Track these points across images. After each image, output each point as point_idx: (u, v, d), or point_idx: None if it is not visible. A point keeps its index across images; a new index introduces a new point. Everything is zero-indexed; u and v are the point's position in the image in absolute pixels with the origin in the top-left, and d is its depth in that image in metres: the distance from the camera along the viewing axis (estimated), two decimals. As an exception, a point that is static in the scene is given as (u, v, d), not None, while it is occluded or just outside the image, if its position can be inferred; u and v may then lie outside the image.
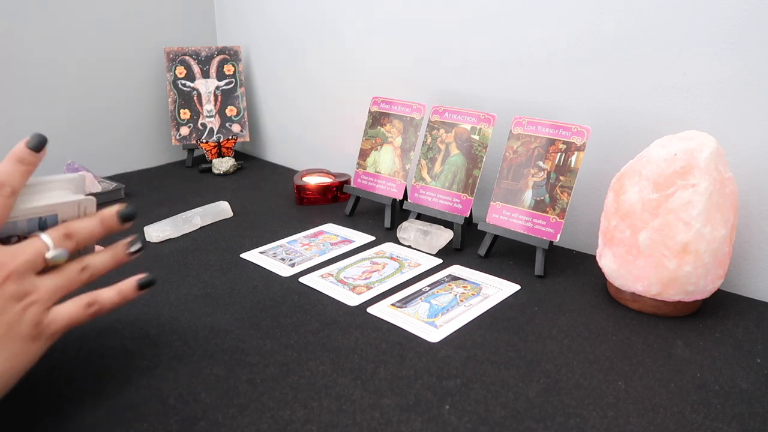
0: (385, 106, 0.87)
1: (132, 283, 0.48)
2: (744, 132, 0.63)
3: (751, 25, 0.60)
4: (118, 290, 0.47)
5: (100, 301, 0.46)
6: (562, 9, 0.74)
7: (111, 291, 0.47)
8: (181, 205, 0.92)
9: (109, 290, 0.47)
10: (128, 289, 0.48)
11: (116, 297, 0.47)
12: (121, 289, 0.47)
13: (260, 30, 1.20)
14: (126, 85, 1.15)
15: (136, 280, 0.48)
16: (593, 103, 0.74)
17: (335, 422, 0.45)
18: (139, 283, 0.48)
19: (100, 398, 0.47)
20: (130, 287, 0.48)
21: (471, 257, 0.75)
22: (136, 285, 0.48)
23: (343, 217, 0.90)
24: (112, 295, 0.47)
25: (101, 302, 0.46)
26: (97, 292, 0.46)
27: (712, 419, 0.45)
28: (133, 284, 0.48)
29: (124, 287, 0.47)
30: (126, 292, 0.47)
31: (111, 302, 0.46)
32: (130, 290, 0.48)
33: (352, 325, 0.59)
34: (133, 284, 0.48)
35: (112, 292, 0.47)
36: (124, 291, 0.47)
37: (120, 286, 0.47)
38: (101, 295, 0.46)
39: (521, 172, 0.72)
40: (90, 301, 0.45)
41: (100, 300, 0.46)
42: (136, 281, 0.48)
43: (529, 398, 0.47)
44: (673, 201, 0.56)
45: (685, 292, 0.58)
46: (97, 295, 0.46)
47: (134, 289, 0.48)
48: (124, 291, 0.47)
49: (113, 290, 0.47)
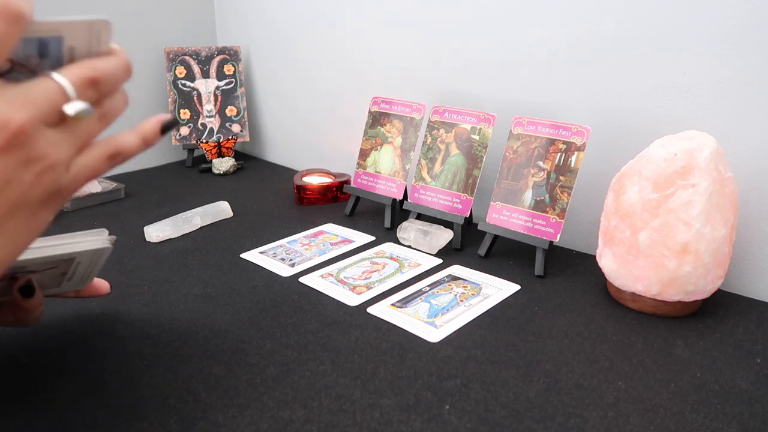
0: (385, 106, 0.87)
1: (155, 126, 0.40)
2: (744, 132, 0.63)
3: (751, 25, 0.60)
4: (141, 135, 0.40)
5: (122, 151, 0.38)
6: (562, 9, 0.74)
7: (133, 137, 0.39)
8: (181, 205, 0.92)
9: (130, 135, 0.39)
10: (151, 132, 0.40)
11: (139, 143, 0.40)
12: (144, 133, 0.40)
13: (260, 30, 1.20)
14: (126, 85, 1.14)
15: (159, 121, 0.40)
16: (593, 103, 0.74)
17: (335, 422, 0.45)
18: (163, 124, 0.41)
19: (100, 398, 0.47)
20: (153, 131, 0.40)
21: (471, 257, 0.75)
22: (160, 127, 0.40)
23: (343, 217, 0.90)
24: (134, 141, 0.39)
25: (124, 152, 0.38)
26: (118, 141, 0.38)
27: (712, 419, 0.45)
28: (156, 126, 0.40)
29: (146, 131, 0.40)
30: (149, 136, 0.40)
31: (134, 150, 0.39)
32: (153, 134, 0.40)
33: (352, 325, 0.59)
34: (156, 126, 0.40)
35: (135, 138, 0.39)
36: (147, 135, 0.40)
37: (141, 130, 0.40)
38: (124, 144, 0.39)
39: (521, 172, 0.72)
40: (113, 153, 0.38)
41: (122, 150, 0.38)
42: (159, 123, 0.40)
43: (529, 398, 0.47)
44: (673, 201, 0.56)
45: (685, 292, 0.58)
46: (120, 145, 0.38)
47: (157, 133, 0.40)
48: (147, 135, 0.40)
49: (135, 135, 0.39)
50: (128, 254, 0.76)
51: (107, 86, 0.36)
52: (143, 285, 0.67)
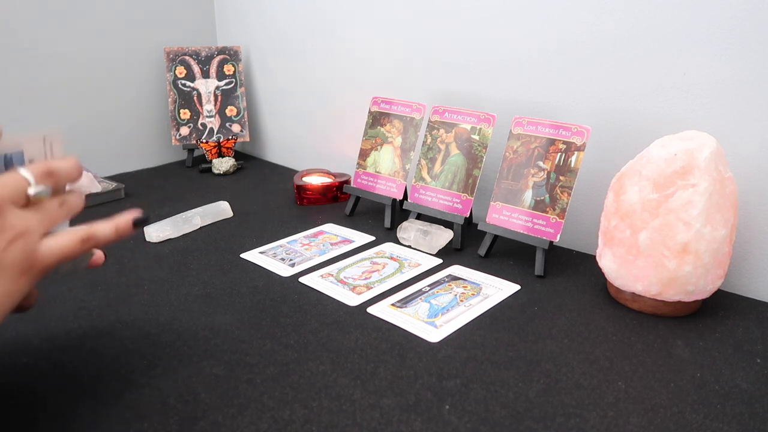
0: (385, 106, 0.87)
1: (127, 220, 0.46)
2: (744, 132, 0.63)
3: (751, 25, 0.60)
4: (114, 225, 0.45)
5: (95, 236, 0.43)
6: (562, 9, 0.74)
7: (107, 225, 0.44)
8: (181, 205, 0.92)
9: (105, 225, 0.44)
10: (124, 225, 0.45)
11: (112, 232, 0.45)
12: (118, 224, 0.45)
13: (260, 30, 1.20)
14: (126, 85, 1.15)
15: (131, 216, 0.46)
16: (593, 103, 0.74)
17: (335, 422, 0.45)
18: (134, 220, 0.46)
19: (100, 398, 0.47)
20: (126, 224, 0.46)
21: (471, 257, 0.75)
22: (132, 221, 0.46)
23: (343, 217, 0.90)
24: (107, 229, 0.44)
25: (97, 237, 0.43)
26: (93, 227, 0.44)
27: (712, 419, 0.45)
28: (128, 221, 0.46)
29: (120, 223, 0.45)
30: (122, 228, 0.45)
31: (106, 237, 0.44)
32: (126, 227, 0.46)
33: (352, 325, 0.59)
34: (128, 221, 0.46)
35: (109, 227, 0.44)
36: (120, 227, 0.45)
37: (116, 221, 0.45)
38: (97, 230, 0.44)
39: (521, 172, 0.72)
40: (85, 237, 0.43)
41: (95, 235, 0.43)
42: (131, 218, 0.46)
43: (529, 398, 0.47)
44: (673, 201, 0.56)
45: (685, 292, 0.58)
46: (93, 230, 0.43)
47: (129, 226, 0.46)
48: (120, 227, 0.45)
49: (110, 225, 0.45)
50: (128, 254, 0.76)
51: (61, 177, 0.43)
52: (143, 285, 0.67)
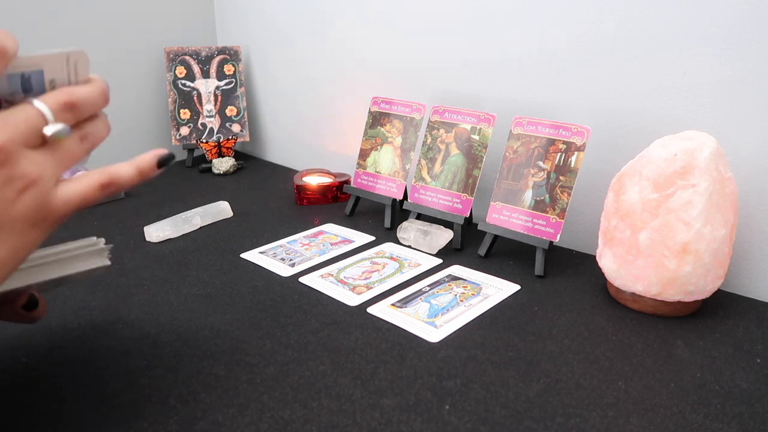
0: (385, 106, 0.88)
1: (151, 159, 0.41)
2: (744, 132, 0.63)
3: (751, 25, 0.60)
4: (137, 167, 0.40)
5: (117, 180, 0.39)
6: (562, 9, 0.74)
7: (129, 168, 0.40)
8: (181, 205, 0.92)
9: (126, 167, 0.40)
10: (147, 165, 0.41)
11: (135, 175, 0.40)
12: (140, 165, 0.41)
13: (260, 30, 1.20)
14: (126, 85, 1.15)
15: (156, 156, 0.41)
16: (593, 103, 0.74)
17: (335, 422, 0.45)
18: (159, 159, 0.41)
19: (100, 398, 0.47)
20: (150, 164, 0.41)
21: (471, 257, 0.75)
22: (156, 161, 0.41)
23: (343, 217, 0.90)
24: (130, 172, 0.40)
25: (118, 182, 0.39)
26: (114, 170, 0.39)
27: (712, 419, 0.45)
28: (152, 161, 0.41)
29: (142, 164, 0.41)
30: (145, 169, 0.41)
31: (129, 181, 0.40)
32: (149, 167, 0.41)
33: (352, 325, 0.59)
34: (152, 161, 0.41)
35: (131, 170, 0.40)
36: (143, 168, 0.41)
37: (138, 162, 0.41)
38: (119, 174, 0.39)
39: (521, 172, 0.72)
40: (105, 182, 0.38)
41: (117, 179, 0.39)
42: (155, 157, 0.41)
43: (529, 398, 0.47)
44: (673, 201, 0.56)
45: (685, 292, 0.58)
46: (115, 174, 0.39)
47: (153, 167, 0.41)
48: (143, 168, 0.41)
49: (131, 167, 0.40)
50: (128, 254, 0.76)
51: (84, 110, 0.38)
52: (143, 285, 0.67)
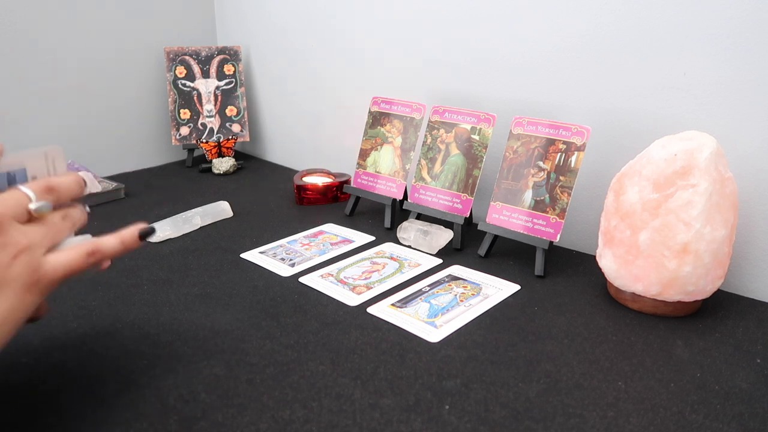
0: (385, 106, 0.88)
1: (133, 233, 0.46)
2: (744, 132, 0.63)
3: (751, 25, 0.60)
4: (120, 239, 0.45)
5: (101, 249, 0.44)
6: (562, 9, 0.74)
7: (113, 239, 0.45)
8: (181, 205, 0.92)
9: (110, 238, 0.45)
10: (130, 238, 0.46)
11: (118, 245, 0.45)
12: (123, 237, 0.45)
13: (260, 30, 1.20)
14: (126, 85, 1.15)
15: (137, 229, 0.46)
16: (593, 103, 0.74)
17: (335, 422, 0.45)
18: (140, 232, 0.46)
19: (100, 398, 0.47)
20: (132, 236, 0.46)
21: (471, 257, 0.75)
22: (138, 234, 0.46)
23: (343, 217, 0.90)
24: (114, 243, 0.45)
25: (103, 251, 0.44)
26: (99, 240, 0.44)
27: (712, 419, 0.45)
28: (134, 234, 0.46)
29: (126, 236, 0.46)
30: (128, 241, 0.46)
31: (112, 251, 0.45)
32: (132, 239, 0.46)
33: (352, 325, 0.59)
34: (134, 234, 0.46)
35: (114, 241, 0.45)
36: (126, 240, 0.46)
37: (122, 234, 0.46)
38: (103, 244, 0.44)
39: (521, 172, 0.72)
40: (91, 251, 0.43)
41: (101, 248, 0.44)
42: (137, 230, 0.46)
43: (529, 398, 0.47)
44: (673, 201, 0.56)
45: (685, 293, 0.58)
46: (99, 244, 0.44)
47: (136, 239, 0.46)
48: (126, 240, 0.46)
49: (115, 238, 0.45)
50: (128, 254, 0.75)
51: (62, 192, 0.43)
52: (143, 285, 0.67)
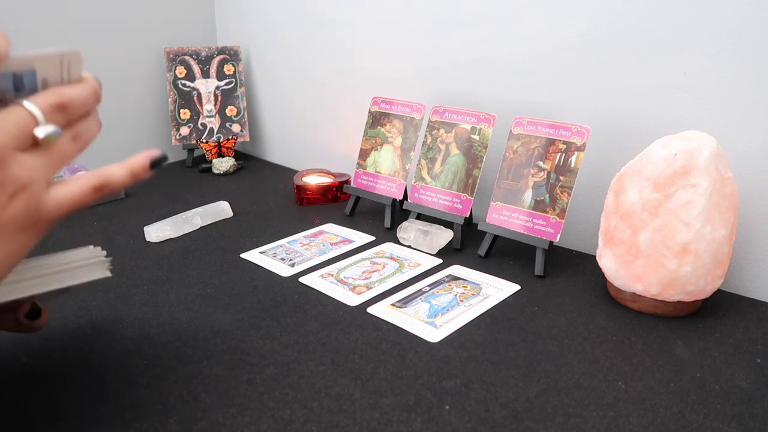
0: (385, 106, 0.87)
1: (144, 161, 0.41)
2: (744, 132, 0.63)
3: (751, 25, 0.60)
4: (129, 169, 0.40)
5: (109, 182, 0.39)
6: (562, 9, 0.74)
7: (121, 170, 0.40)
8: (181, 205, 0.92)
9: (118, 168, 0.40)
10: (140, 167, 0.41)
11: (128, 177, 0.40)
12: (133, 167, 0.40)
13: (260, 30, 1.20)
14: (126, 85, 1.15)
15: (148, 157, 0.41)
16: (593, 103, 0.74)
17: (335, 422, 0.45)
18: (151, 160, 0.41)
19: (100, 398, 0.47)
20: (142, 165, 0.41)
21: (471, 257, 0.75)
22: (149, 162, 0.41)
23: (343, 217, 0.90)
24: (123, 174, 0.40)
25: (111, 184, 0.39)
26: (106, 172, 0.39)
27: (712, 419, 0.45)
28: (145, 162, 0.41)
29: (135, 166, 0.41)
30: (138, 170, 0.41)
31: (121, 183, 0.40)
32: (142, 168, 0.41)
33: (352, 325, 0.59)
34: (145, 162, 0.41)
35: (123, 171, 0.40)
36: (135, 170, 0.40)
37: (131, 163, 0.40)
38: (111, 176, 0.39)
39: (521, 172, 0.72)
40: (98, 184, 0.38)
41: (109, 181, 0.39)
42: (148, 159, 0.41)
43: (529, 398, 0.47)
44: (673, 201, 0.56)
45: (685, 292, 0.58)
46: (107, 176, 0.39)
47: (146, 168, 0.41)
48: (135, 170, 0.40)
49: (124, 169, 0.40)
50: (128, 254, 0.76)
51: (76, 110, 0.37)
52: (143, 285, 0.67)
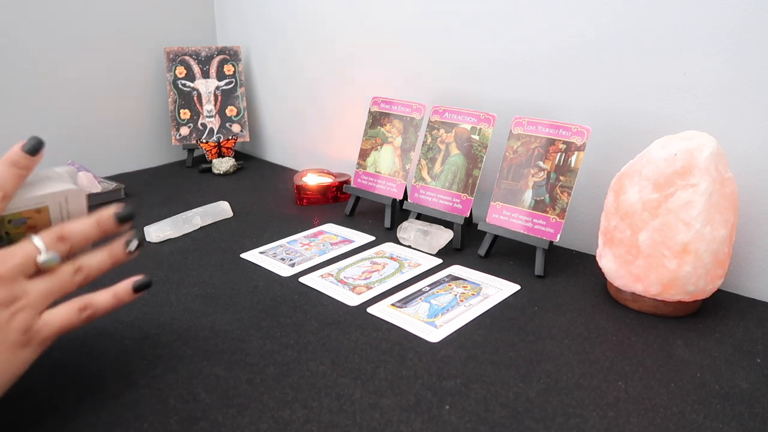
0: (385, 106, 0.87)
1: (127, 286, 0.46)
2: (744, 132, 0.63)
3: (751, 25, 0.60)
4: (113, 293, 0.45)
5: (94, 305, 0.44)
6: (562, 9, 0.74)
7: (106, 294, 0.45)
8: (181, 205, 0.92)
9: (103, 293, 0.45)
10: (124, 291, 0.45)
11: (111, 300, 0.45)
12: (117, 292, 0.45)
13: (260, 30, 1.20)
14: (126, 85, 1.15)
15: (132, 282, 0.46)
16: (593, 103, 0.74)
17: (335, 422, 0.45)
18: (134, 285, 0.46)
19: (100, 398, 0.47)
20: (126, 290, 0.46)
21: (471, 257, 0.75)
22: (132, 288, 0.46)
23: (343, 217, 0.90)
24: (107, 298, 0.45)
25: (95, 306, 0.44)
26: (92, 296, 0.44)
27: (712, 419, 0.45)
28: (128, 287, 0.46)
29: (119, 290, 0.45)
30: (121, 294, 0.45)
31: (106, 306, 0.44)
32: (126, 293, 0.45)
33: (352, 325, 0.59)
34: (128, 287, 0.46)
35: (107, 296, 0.45)
36: (119, 294, 0.45)
37: (115, 288, 0.45)
38: (95, 299, 0.44)
39: (521, 172, 0.72)
40: (83, 306, 0.43)
41: (94, 304, 0.44)
42: (131, 284, 0.46)
43: (529, 398, 0.47)
44: (673, 201, 0.56)
45: (685, 292, 0.58)
46: (91, 299, 0.44)
47: (130, 292, 0.46)
48: (119, 294, 0.45)
49: (108, 293, 0.45)
50: (128, 254, 0.76)
51: (75, 239, 0.43)
52: (143, 285, 0.67)
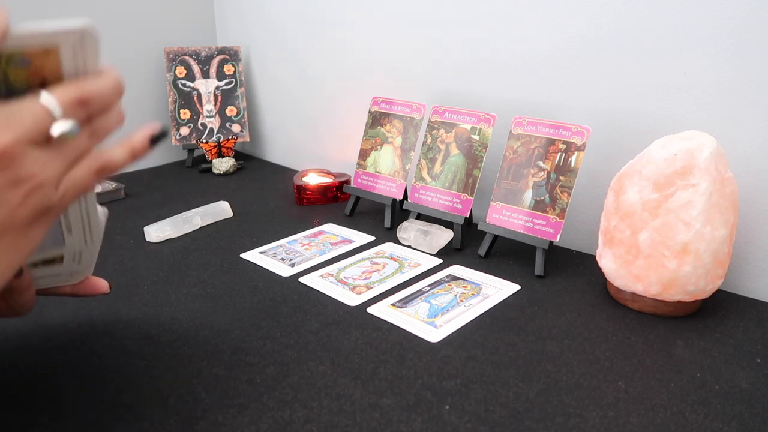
0: (385, 106, 0.87)
1: (143, 137, 0.39)
2: (744, 132, 0.63)
3: (751, 25, 0.60)
4: (129, 148, 0.39)
5: (110, 165, 0.38)
6: (562, 9, 0.74)
7: (120, 150, 0.39)
8: (181, 205, 0.92)
9: (118, 148, 0.39)
10: (140, 145, 0.39)
11: (127, 156, 0.39)
12: (133, 146, 0.39)
13: (260, 30, 1.20)
14: (126, 85, 1.15)
15: (148, 132, 0.40)
16: (593, 103, 0.74)
17: (335, 422, 0.45)
18: (152, 135, 0.40)
19: (100, 398, 0.47)
20: (142, 143, 0.39)
21: (471, 257, 0.75)
22: (148, 138, 0.40)
23: (343, 217, 0.90)
24: (122, 154, 0.39)
25: (111, 165, 0.38)
26: (106, 155, 0.38)
27: (712, 419, 0.45)
28: (145, 139, 0.39)
29: (134, 144, 0.39)
30: (137, 148, 0.39)
31: (122, 163, 0.39)
32: (142, 146, 0.40)
33: (352, 325, 0.59)
34: (145, 139, 0.39)
35: (123, 152, 0.39)
36: (135, 148, 0.39)
37: (131, 142, 0.39)
38: (110, 157, 0.38)
39: (521, 172, 0.72)
40: (100, 167, 0.37)
41: (110, 164, 0.38)
42: (148, 135, 0.40)
43: (529, 398, 0.47)
44: (673, 201, 0.56)
45: (685, 292, 0.58)
46: (107, 158, 0.38)
47: (146, 144, 0.40)
48: (135, 148, 0.39)
49: (124, 149, 0.39)
50: (128, 254, 0.76)
51: (97, 106, 0.36)
52: (143, 285, 0.67)
